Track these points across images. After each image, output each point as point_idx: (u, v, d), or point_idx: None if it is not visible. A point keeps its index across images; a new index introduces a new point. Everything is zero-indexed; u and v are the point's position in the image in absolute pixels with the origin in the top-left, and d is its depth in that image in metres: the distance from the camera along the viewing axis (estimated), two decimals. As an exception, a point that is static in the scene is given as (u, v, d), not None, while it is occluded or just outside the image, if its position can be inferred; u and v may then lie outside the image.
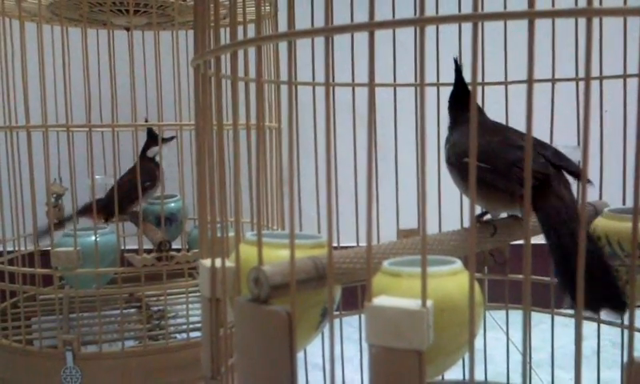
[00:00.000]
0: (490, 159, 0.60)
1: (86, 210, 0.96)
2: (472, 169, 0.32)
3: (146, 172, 1.01)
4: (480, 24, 0.31)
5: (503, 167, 0.59)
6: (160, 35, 0.97)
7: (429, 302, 0.34)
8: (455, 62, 0.72)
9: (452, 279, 0.42)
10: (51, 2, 0.94)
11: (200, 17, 0.50)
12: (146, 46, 1.12)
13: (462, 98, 0.71)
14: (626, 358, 0.30)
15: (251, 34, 0.42)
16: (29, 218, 0.90)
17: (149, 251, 0.88)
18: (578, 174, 0.60)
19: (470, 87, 0.66)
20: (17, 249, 0.96)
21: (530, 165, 0.32)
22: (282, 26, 0.91)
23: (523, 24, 0.31)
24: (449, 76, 0.84)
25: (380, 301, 0.35)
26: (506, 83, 0.83)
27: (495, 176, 0.59)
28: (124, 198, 0.95)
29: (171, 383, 0.87)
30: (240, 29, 0.85)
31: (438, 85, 0.83)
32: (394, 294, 0.37)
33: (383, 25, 0.32)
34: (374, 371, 0.35)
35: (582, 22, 0.51)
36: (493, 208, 0.64)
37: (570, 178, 0.68)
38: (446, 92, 0.81)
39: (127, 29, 1.02)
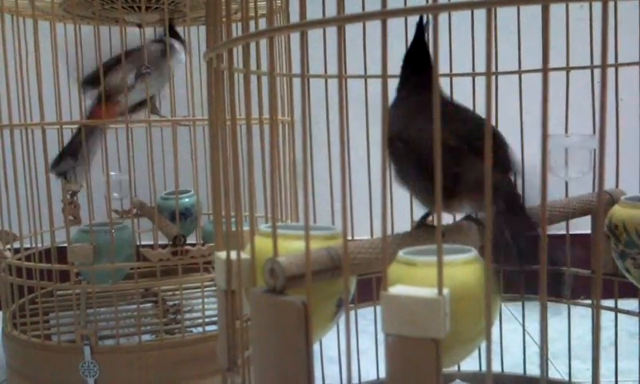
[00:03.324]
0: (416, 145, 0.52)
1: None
2: (487, 154, 0.32)
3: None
4: (493, 10, 0.31)
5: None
6: (172, 31, 0.98)
7: (445, 290, 0.34)
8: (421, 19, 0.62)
9: (468, 267, 0.42)
10: (64, 0, 0.95)
11: (212, 10, 0.50)
12: (159, 43, 1.12)
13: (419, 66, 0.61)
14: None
15: (263, 27, 0.42)
16: (45, 215, 0.91)
17: (164, 246, 0.89)
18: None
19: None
20: (34, 245, 0.97)
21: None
22: (294, 20, 0.91)
23: (537, 11, 0.31)
24: (462, 66, 0.83)
25: (396, 290, 0.35)
26: (519, 72, 0.83)
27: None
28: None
29: (188, 376, 0.88)
30: (252, 24, 0.85)
31: (450, 75, 0.83)
32: (410, 283, 0.37)
33: (395, 13, 0.32)
34: (390, 360, 0.35)
35: (597, 7, 0.51)
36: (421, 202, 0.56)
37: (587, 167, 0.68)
38: (460, 82, 0.80)
39: (139, 26, 1.03)
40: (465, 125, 0.56)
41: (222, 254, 0.47)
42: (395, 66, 0.64)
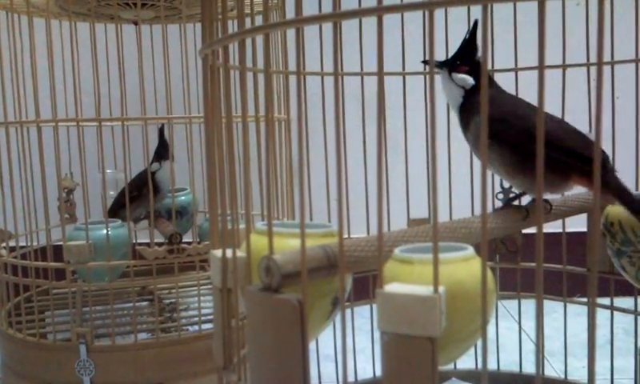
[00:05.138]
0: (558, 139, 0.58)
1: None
2: (483, 147, 0.32)
3: (136, 181, 1.03)
4: (489, 7, 0.31)
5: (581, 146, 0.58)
6: (168, 28, 0.97)
7: (441, 288, 0.34)
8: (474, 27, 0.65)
9: (464, 265, 0.41)
10: (59, -3, 0.95)
11: (208, 7, 0.50)
12: (154, 40, 1.12)
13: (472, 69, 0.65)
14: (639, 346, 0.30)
15: (259, 24, 0.42)
16: (41, 213, 0.90)
17: (160, 244, 0.89)
18: None
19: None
20: (29, 243, 0.97)
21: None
22: (290, 17, 0.91)
23: (533, 9, 0.31)
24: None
25: (392, 288, 0.35)
26: (516, 70, 0.83)
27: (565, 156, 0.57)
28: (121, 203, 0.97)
29: (184, 375, 0.88)
30: (248, 21, 0.85)
31: (447, 73, 0.83)
32: (406, 281, 0.36)
33: (391, 9, 0.32)
34: (386, 358, 0.35)
35: (593, 4, 0.51)
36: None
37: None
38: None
39: (135, 23, 1.03)
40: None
41: (218, 252, 0.47)
42: (391, 63, 0.64)
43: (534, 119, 0.60)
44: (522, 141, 0.58)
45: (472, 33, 0.65)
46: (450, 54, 0.82)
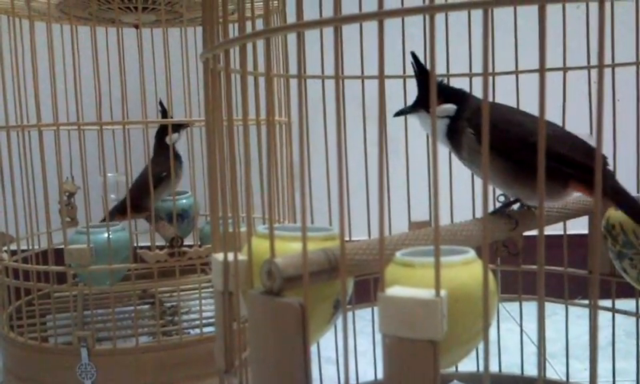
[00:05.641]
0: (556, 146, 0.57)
1: (114, 213, 0.98)
2: (485, 157, 0.32)
3: (162, 162, 0.99)
4: (490, 11, 0.31)
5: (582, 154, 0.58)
6: (169, 32, 0.97)
7: (442, 292, 0.34)
8: (413, 55, 0.64)
9: (465, 269, 0.42)
10: (60, 1, 0.95)
11: (209, 11, 0.50)
12: (155, 44, 1.12)
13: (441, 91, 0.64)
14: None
15: (260, 28, 0.42)
16: (42, 217, 0.90)
17: (161, 248, 0.89)
18: None
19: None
20: (31, 247, 0.97)
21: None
22: (291, 21, 0.91)
23: (534, 11, 0.31)
24: (459, 67, 0.83)
25: (393, 291, 0.35)
26: (516, 72, 0.83)
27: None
28: (143, 193, 0.94)
29: (185, 378, 0.88)
30: (249, 24, 0.85)
31: (448, 76, 0.83)
32: (407, 285, 0.37)
33: (392, 13, 0.32)
34: (388, 362, 0.35)
35: (594, 7, 0.51)
36: (535, 198, 0.61)
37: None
38: (457, 83, 0.80)
39: (136, 26, 1.03)
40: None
41: (220, 256, 0.47)
42: (392, 66, 0.64)
43: (525, 124, 0.60)
44: (514, 148, 0.58)
45: (417, 65, 0.63)
46: (450, 58, 0.83)
